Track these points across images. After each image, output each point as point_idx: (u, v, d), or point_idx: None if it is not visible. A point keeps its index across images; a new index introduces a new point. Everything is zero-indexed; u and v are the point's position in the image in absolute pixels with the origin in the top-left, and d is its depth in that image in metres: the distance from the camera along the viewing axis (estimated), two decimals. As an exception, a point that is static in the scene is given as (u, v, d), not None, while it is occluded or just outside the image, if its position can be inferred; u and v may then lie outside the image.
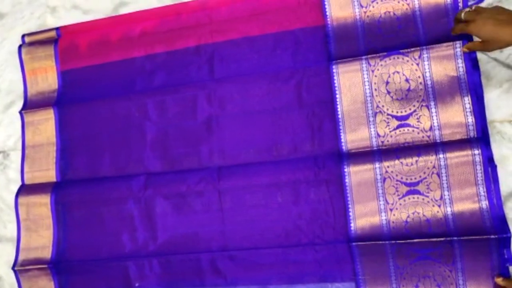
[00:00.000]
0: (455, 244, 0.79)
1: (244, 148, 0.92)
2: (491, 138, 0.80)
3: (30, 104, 1.07)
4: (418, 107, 0.84)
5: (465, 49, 0.80)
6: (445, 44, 0.82)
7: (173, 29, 1.00)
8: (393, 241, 0.81)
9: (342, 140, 0.87)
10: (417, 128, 0.83)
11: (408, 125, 0.84)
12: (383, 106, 0.86)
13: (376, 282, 0.83)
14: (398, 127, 0.85)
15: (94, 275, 0.96)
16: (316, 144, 0.89)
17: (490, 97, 0.82)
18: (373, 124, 0.86)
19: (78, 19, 1.07)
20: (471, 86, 0.81)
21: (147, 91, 0.99)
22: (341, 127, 0.87)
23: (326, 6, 0.91)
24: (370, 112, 0.86)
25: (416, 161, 0.82)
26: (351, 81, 0.87)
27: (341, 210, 0.85)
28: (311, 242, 0.86)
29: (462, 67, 0.82)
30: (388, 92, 0.86)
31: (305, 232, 0.87)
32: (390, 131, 0.85)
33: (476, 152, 0.79)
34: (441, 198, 0.80)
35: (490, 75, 0.83)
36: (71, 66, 1.05)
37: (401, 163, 0.82)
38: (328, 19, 0.91)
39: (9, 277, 1.02)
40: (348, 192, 0.85)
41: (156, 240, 0.93)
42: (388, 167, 0.83)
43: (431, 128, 0.83)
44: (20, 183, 1.04)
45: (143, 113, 0.98)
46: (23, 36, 1.10)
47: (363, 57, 0.87)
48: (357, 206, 0.84)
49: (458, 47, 0.82)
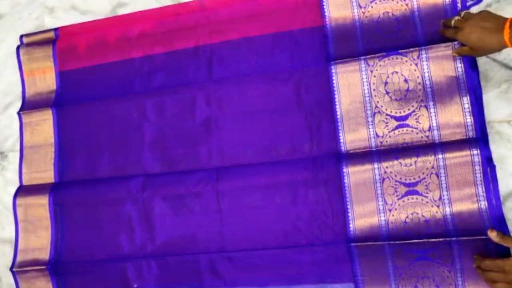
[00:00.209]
0: (454, 245, 0.78)
1: (243, 149, 0.92)
2: (490, 138, 0.80)
3: (28, 105, 1.06)
4: (417, 108, 0.84)
5: (455, 54, 0.80)
6: (444, 45, 0.82)
7: (172, 30, 1.00)
8: (392, 242, 0.81)
9: (341, 141, 0.87)
10: (416, 129, 0.83)
11: (407, 126, 0.84)
12: (382, 107, 0.85)
13: (375, 283, 0.82)
14: (397, 128, 0.84)
15: (92, 276, 0.96)
16: (315, 145, 0.88)
17: (489, 98, 0.82)
18: (372, 125, 0.86)
19: (76, 20, 1.07)
20: (470, 87, 0.81)
21: (146, 92, 0.98)
22: (340, 128, 0.87)
23: (325, 7, 0.91)
24: (369, 113, 0.86)
25: (415, 162, 0.82)
26: (350, 82, 0.87)
27: (340, 211, 0.85)
28: (310, 243, 0.86)
29: (461, 68, 0.82)
30: (387, 93, 0.85)
31: (304, 233, 0.86)
32: (389, 132, 0.85)
33: (475, 153, 0.79)
34: (440, 199, 0.80)
35: (489, 76, 0.83)
36: (69, 67, 1.05)
37: (400, 164, 0.82)
38: (327, 20, 0.91)
39: (7, 278, 1.02)
40: (347, 193, 0.85)
41: (154, 241, 0.93)
42: (387, 168, 0.83)
43: (430, 129, 0.83)
44: (18, 184, 1.04)
45: (142, 114, 0.98)
46: (21, 37, 1.09)
47: (362, 58, 0.86)
48: (356, 207, 0.84)
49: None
